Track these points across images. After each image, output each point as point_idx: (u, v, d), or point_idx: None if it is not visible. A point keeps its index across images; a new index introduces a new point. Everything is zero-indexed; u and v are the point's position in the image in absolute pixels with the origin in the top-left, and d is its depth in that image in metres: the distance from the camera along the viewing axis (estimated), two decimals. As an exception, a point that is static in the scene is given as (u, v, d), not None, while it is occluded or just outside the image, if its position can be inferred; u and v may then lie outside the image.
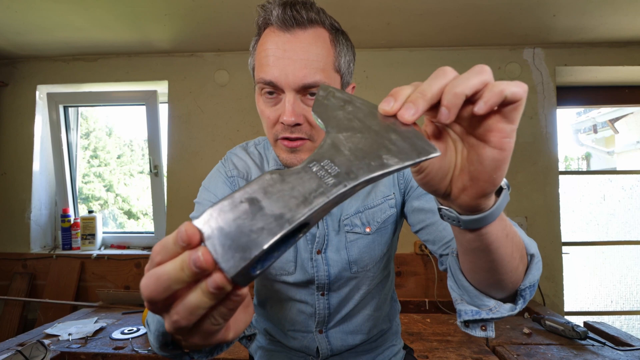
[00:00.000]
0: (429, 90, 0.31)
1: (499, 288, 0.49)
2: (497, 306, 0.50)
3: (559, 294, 1.84)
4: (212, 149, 1.97)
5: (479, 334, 0.52)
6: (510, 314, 0.50)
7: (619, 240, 2.05)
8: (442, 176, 0.37)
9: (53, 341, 1.33)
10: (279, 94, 0.64)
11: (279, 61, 0.61)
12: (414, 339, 1.41)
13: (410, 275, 1.89)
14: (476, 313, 0.51)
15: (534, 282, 0.50)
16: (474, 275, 0.50)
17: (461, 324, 0.53)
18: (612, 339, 1.33)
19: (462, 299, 0.53)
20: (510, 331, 1.45)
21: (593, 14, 1.58)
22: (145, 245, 2.12)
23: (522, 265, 0.48)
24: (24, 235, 2.02)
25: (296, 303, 0.80)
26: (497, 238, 0.41)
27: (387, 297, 0.87)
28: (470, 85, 0.30)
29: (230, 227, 0.25)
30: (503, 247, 0.43)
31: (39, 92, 2.06)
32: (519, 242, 0.47)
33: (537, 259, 0.50)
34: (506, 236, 0.43)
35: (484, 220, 0.39)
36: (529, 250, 0.49)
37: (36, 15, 1.58)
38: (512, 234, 0.44)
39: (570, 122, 3.11)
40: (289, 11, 0.61)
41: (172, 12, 1.57)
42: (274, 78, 0.62)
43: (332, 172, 0.29)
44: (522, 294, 0.50)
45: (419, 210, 0.72)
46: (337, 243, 0.76)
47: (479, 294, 0.51)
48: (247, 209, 0.26)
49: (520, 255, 0.47)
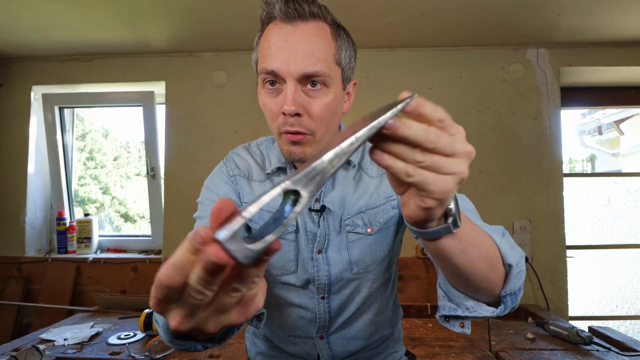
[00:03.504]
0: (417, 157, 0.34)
1: (475, 292, 0.53)
2: (474, 306, 0.55)
3: (563, 298, 1.83)
4: (210, 151, 1.95)
5: (457, 329, 0.57)
6: (490, 316, 0.55)
7: (624, 244, 2.03)
8: (395, 184, 0.39)
9: (48, 346, 1.32)
10: (280, 84, 0.66)
11: (280, 51, 0.63)
12: (415, 344, 1.40)
13: (412, 280, 1.87)
14: (453, 310, 0.56)
15: (514, 290, 0.54)
16: (448, 276, 0.54)
17: (440, 318, 0.58)
18: (618, 344, 1.31)
19: (444, 296, 0.58)
20: (513, 336, 1.44)
21: (598, 14, 1.57)
22: (142, 249, 2.10)
23: (494, 274, 0.51)
24: (19, 239, 2.01)
25: (296, 308, 0.80)
26: (448, 252, 0.45)
27: (389, 302, 0.86)
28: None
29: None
30: (459, 260, 0.46)
31: (34, 92, 2.05)
32: (486, 255, 0.49)
33: (517, 269, 0.53)
34: (461, 252, 0.46)
35: (422, 235, 0.43)
36: (507, 261, 0.52)
37: (31, 14, 1.56)
38: (473, 250, 0.47)
39: (574, 123, 3.11)
40: (291, 4, 0.63)
41: (170, 12, 1.56)
42: (276, 67, 0.63)
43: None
44: (504, 301, 0.54)
45: None
46: (338, 243, 0.77)
47: (459, 293, 0.55)
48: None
49: (490, 266, 0.50)
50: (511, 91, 1.88)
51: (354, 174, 0.79)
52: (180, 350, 1.26)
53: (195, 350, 0.56)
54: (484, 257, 0.49)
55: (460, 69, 1.90)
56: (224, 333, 0.55)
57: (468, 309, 0.55)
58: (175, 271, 0.27)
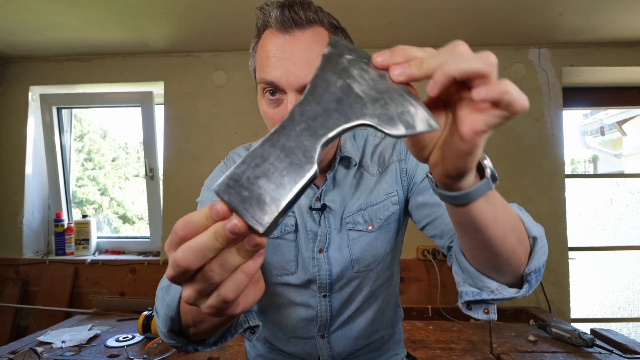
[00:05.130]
0: (428, 64, 0.31)
1: (499, 270, 0.50)
2: (499, 288, 0.51)
3: (565, 300, 1.82)
4: (209, 152, 1.95)
5: (482, 316, 0.54)
6: (514, 298, 0.51)
7: (627, 246, 2.03)
8: (424, 145, 0.38)
9: (46, 349, 1.31)
10: (281, 94, 0.65)
11: (279, 62, 0.62)
12: (416, 347, 1.40)
13: (413, 282, 1.87)
14: (477, 294, 0.52)
15: (539, 267, 0.51)
16: (471, 255, 0.51)
17: (463, 305, 0.55)
18: (620, 347, 1.31)
19: (464, 281, 0.55)
20: (515, 338, 1.43)
21: (600, 13, 1.56)
22: (140, 251, 2.10)
23: (521, 248, 0.48)
24: (16, 240, 2.00)
25: (297, 307, 0.80)
26: (481, 219, 0.42)
27: (390, 301, 0.86)
28: (462, 70, 0.30)
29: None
30: (491, 229, 0.43)
31: (31, 93, 2.04)
32: (515, 225, 0.47)
33: (541, 242, 0.50)
34: (494, 218, 0.43)
35: (458, 199, 0.40)
36: (531, 233, 0.50)
37: (29, 14, 1.56)
38: (505, 217, 0.44)
39: (576, 124, 3.12)
40: (287, 12, 0.62)
41: (169, 11, 1.56)
42: (275, 79, 0.62)
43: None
44: (528, 279, 0.51)
45: (424, 205, 0.72)
46: (339, 241, 0.77)
47: (480, 275, 0.52)
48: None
49: (518, 238, 0.47)
50: (513, 91, 1.87)
51: (354, 173, 0.79)
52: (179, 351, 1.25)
53: (186, 350, 0.56)
54: (514, 227, 0.46)
55: (462, 69, 1.89)
56: (217, 339, 0.55)
57: (493, 291, 0.51)
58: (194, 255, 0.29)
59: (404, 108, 0.31)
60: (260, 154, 0.31)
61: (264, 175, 0.30)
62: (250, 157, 0.30)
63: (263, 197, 0.29)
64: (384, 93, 0.32)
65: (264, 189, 0.29)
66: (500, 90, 0.29)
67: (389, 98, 0.32)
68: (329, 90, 0.32)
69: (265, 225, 0.29)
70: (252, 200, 0.29)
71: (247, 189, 0.29)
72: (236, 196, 0.29)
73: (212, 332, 0.53)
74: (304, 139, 0.31)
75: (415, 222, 0.75)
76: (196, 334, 0.53)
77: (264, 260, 0.81)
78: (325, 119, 0.32)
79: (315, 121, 0.32)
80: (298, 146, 0.31)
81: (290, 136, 0.31)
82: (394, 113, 0.31)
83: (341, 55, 0.34)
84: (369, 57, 0.34)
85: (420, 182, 0.75)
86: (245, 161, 0.30)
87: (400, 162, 0.79)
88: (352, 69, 0.33)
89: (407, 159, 0.79)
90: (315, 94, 0.32)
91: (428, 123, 0.31)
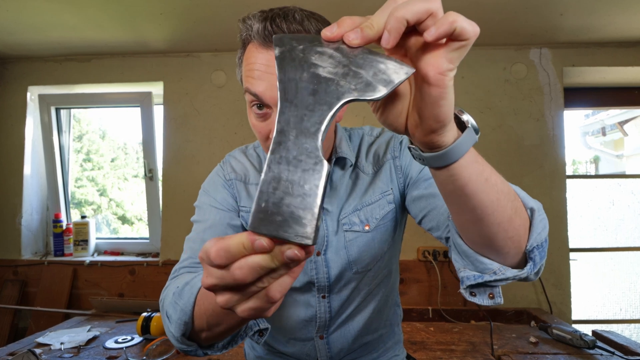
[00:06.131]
0: (378, 20, 0.32)
1: (498, 247, 0.47)
2: (501, 269, 0.49)
3: (566, 301, 1.82)
4: (208, 152, 1.94)
5: (487, 302, 0.51)
6: (518, 277, 0.49)
7: (629, 247, 2.03)
8: (398, 113, 0.38)
9: (45, 350, 1.31)
10: (267, 109, 0.64)
11: (264, 76, 0.61)
12: (417, 348, 1.39)
13: (413, 283, 1.86)
14: (479, 277, 0.50)
15: (541, 242, 0.48)
16: (467, 233, 0.49)
17: (466, 291, 0.52)
18: (622, 348, 1.30)
19: (465, 267, 0.52)
20: (516, 340, 1.43)
21: (601, 13, 1.56)
22: (139, 252, 2.09)
23: (518, 219, 0.46)
24: (15, 241, 2.00)
25: (297, 309, 0.80)
26: (472, 180, 0.41)
27: (388, 298, 0.86)
28: (413, 11, 0.30)
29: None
30: (483, 192, 0.42)
31: (30, 93, 2.04)
32: (508, 191, 0.45)
33: (539, 214, 0.48)
34: (485, 180, 0.42)
35: (446, 157, 0.39)
36: (527, 204, 0.47)
37: (28, 14, 1.55)
38: (496, 181, 0.43)
39: (578, 124, 3.12)
40: (269, 26, 0.59)
41: (168, 11, 1.55)
42: (260, 92, 0.61)
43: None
44: (531, 256, 0.48)
45: (419, 198, 0.71)
46: (337, 243, 0.77)
47: (480, 257, 0.49)
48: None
49: (514, 206, 0.45)
50: (514, 92, 1.87)
51: (350, 173, 0.79)
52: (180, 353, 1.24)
53: (196, 354, 0.56)
54: (508, 193, 0.45)
55: (462, 69, 1.88)
56: (226, 342, 0.56)
57: (495, 272, 0.49)
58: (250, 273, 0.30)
59: (374, 69, 0.32)
60: (273, 177, 0.31)
61: (286, 195, 0.30)
62: (265, 185, 0.31)
63: (296, 214, 0.30)
64: (349, 65, 0.32)
65: (292, 206, 0.30)
66: (449, 22, 0.30)
67: (355, 66, 0.32)
68: (299, 88, 0.32)
69: (311, 237, 0.30)
70: (288, 222, 0.30)
71: (277, 213, 0.30)
72: (273, 224, 0.30)
73: (225, 335, 0.53)
74: (302, 144, 0.31)
75: (413, 216, 0.75)
76: (208, 338, 0.53)
77: None
78: (310, 116, 0.32)
79: (303, 123, 0.32)
80: (301, 153, 0.31)
81: (289, 148, 0.31)
82: (368, 77, 0.32)
83: (292, 49, 0.33)
84: (319, 38, 0.34)
85: (415, 176, 0.74)
86: (262, 190, 0.31)
87: (395, 159, 0.78)
88: (309, 57, 0.33)
89: (401, 155, 0.78)
90: (288, 97, 0.32)
91: (403, 70, 0.32)
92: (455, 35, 0.31)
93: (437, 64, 0.32)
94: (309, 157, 0.31)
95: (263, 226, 0.30)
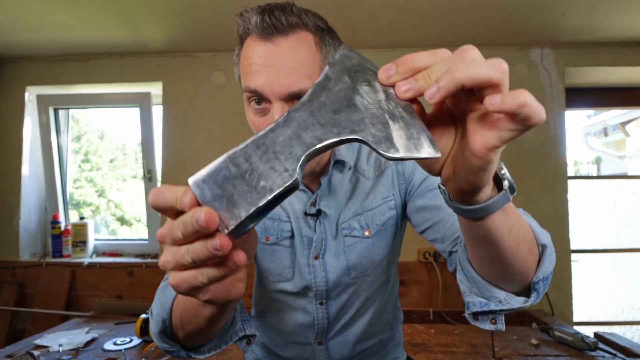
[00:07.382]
0: (436, 75, 0.29)
1: (508, 280, 0.48)
2: (507, 298, 0.49)
3: (567, 303, 1.82)
4: (208, 153, 1.94)
5: (489, 327, 0.52)
6: (522, 307, 0.49)
7: (631, 248, 2.03)
8: (432, 161, 0.36)
9: (43, 352, 1.30)
10: (266, 104, 0.63)
11: (263, 69, 0.60)
12: (417, 350, 1.39)
13: (414, 284, 1.86)
14: (485, 305, 0.50)
15: (547, 275, 0.49)
16: (481, 266, 0.49)
17: (470, 316, 0.53)
18: (624, 350, 1.30)
19: (470, 291, 0.53)
20: (517, 342, 1.42)
21: (603, 13, 1.56)
22: (138, 253, 2.09)
23: (531, 257, 0.47)
24: (13, 243, 2.00)
25: (295, 314, 0.80)
26: (497, 232, 0.40)
27: (387, 303, 0.85)
28: (474, 77, 0.27)
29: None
30: (506, 241, 0.42)
31: (28, 93, 2.04)
32: (527, 235, 0.45)
33: (549, 250, 0.49)
34: (509, 231, 0.41)
35: (473, 213, 0.38)
36: (540, 241, 0.48)
37: (26, 14, 1.55)
38: (518, 228, 0.43)
39: (579, 125, 3.11)
40: (267, 19, 0.59)
41: (167, 11, 1.55)
42: (259, 87, 0.60)
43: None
44: (536, 287, 0.49)
45: (423, 208, 0.70)
46: (336, 248, 0.76)
47: (488, 285, 0.50)
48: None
49: (529, 247, 0.46)
50: (515, 92, 1.86)
51: (349, 177, 0.77)
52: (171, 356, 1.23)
53: (178, 355, 0.55)
54: (526, 236, 0.45)
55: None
56: (211, 346, 0.55)
57: (501, 301, 0.49)
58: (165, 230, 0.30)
59: (404, 130, 0.29)
60: (243, 153, 0.30)
61: (240, 176, 0.29)
62: (232, 155, 0.30)
63: (234, 199, 0.29)
64: (386, 111, 0.30)
65: (237, 189, 0.29)
66: (519, 103, 0.27)
67: (390, 117, 0.30)
68: (327, 99, 0.31)
69: (229, 228, 0.28)
70: (222, 200, 0.29)
71: (220, 186, 0.29)
72: (208, 192, 0.29)
73: (200, 337, 0.52)
74: (290, 146, 0.30)
75: (415, 225, 0.74)
76: (186, 338, 0.53)
77: (262, 266, 0.80)
78: (315, 129, 0.30)
79: (307, 129, 0.30)
80: (282, 152, 0.30)
81: (277, 141, 0.30)
82: (393, 134, 0.29)
83: (348, 66, 0.32)
84: (376, 70, 0.32)
85: (418, 185, 0.73)
86: (225, 159, 0.30)
87: (397, 164, 0.77)
88: (358, 80, 0.31)
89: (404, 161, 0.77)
90: (312, 101, 0.31)
91: (428, 149, 0.29)
92: (519, 118, 0.28)
93: (486, 138, 0.30)
94: (286, 161, 0.30)
95: (199, 188, 0.29)
